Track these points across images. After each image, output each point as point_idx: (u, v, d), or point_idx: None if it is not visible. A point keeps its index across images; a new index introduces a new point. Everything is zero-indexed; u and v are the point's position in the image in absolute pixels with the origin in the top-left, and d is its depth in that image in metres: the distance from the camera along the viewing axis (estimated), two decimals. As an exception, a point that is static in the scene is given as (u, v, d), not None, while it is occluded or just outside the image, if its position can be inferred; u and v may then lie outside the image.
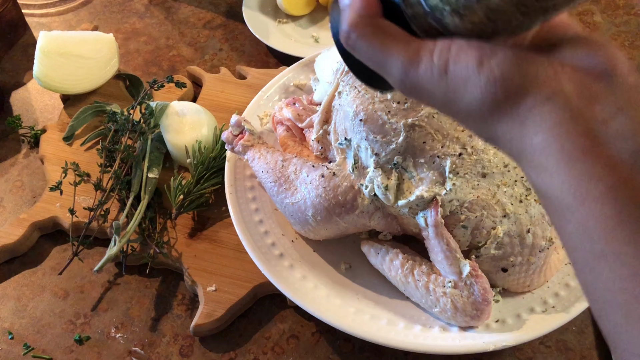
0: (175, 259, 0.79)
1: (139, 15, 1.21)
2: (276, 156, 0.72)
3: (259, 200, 0.77)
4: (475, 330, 0.63)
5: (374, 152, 0.62)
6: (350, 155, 0.66)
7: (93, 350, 0.74)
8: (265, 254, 0.72)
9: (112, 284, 0.80)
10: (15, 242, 0.81)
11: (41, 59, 0.94)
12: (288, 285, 0.69)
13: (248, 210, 0.76)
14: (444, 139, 0.60)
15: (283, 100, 0.82)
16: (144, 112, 0.88)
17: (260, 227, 0.75)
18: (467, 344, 0.62)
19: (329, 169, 0.66)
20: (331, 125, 0.70)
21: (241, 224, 0.74)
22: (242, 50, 1.13)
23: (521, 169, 0.33)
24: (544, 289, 0.67)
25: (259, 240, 0.73)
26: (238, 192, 0.78)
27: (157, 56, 1.12)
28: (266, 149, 0.75)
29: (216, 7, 1.23)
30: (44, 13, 1.21)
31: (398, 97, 0.62)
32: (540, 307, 0.66)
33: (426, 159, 0.61)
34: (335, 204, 0.64)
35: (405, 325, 0.65)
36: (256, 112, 0.87)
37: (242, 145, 0.76)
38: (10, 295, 0.79)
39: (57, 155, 0.91)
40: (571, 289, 0.67)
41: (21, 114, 1.01)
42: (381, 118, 0.62)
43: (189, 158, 0.85)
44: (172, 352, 0.74)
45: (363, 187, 0.63)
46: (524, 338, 0.63)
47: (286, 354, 0.74)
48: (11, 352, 0.73)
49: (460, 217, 0.61)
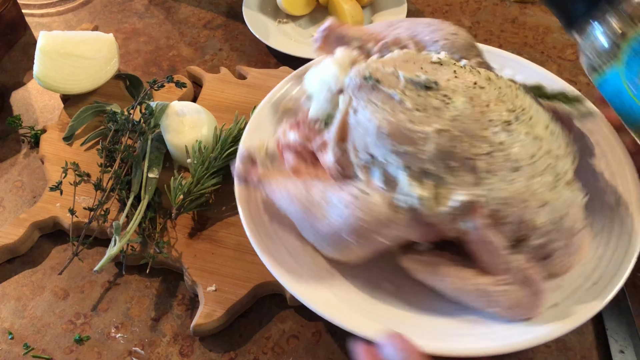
0: (175, 259, 0.79)
1: (139, 15, 1.21)
2: (297, 184, 0.68)
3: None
4: (524, 324, 0.63)
5: (404, 164, 0.61)
6: (377, 171, 0.64)
7: (93, 350, 0.74)
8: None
9: (112, 284, 0.80)
10: (15, 242, 0.81)
11: (41, 59, 0.94)
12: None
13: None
14: (472, 139, 0.60)
15: (285, 123, 0.78)
16: (144, 112, 0.88)
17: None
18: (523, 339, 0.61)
19: (358, 188, 0.64)
20: (349, 143, 0.67)
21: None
22: (242, 50, 1.13)
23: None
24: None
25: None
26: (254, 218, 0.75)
27: (157, 56, 1.12)
28: (283, 177, 0.70)
29: (216, 7, 1.23)
30: (44, 13, 1.21)
31: (419, 104, 0.62)
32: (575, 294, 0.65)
33: (458, 162, 0.60)
34: (372, 221, 0.62)
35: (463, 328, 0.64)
36: (252, 142, 0.80)
37: (259, 179, 0.70)
38: (10, 295, 0.79)
39: (57, 155, 0.91)
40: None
41: (21, 114, 1.01)
42: (406, 128, 0.61)
43: (189, 158, 0.85)
44: (172, 352, 0.74)
45: (398, 201, 0.62)
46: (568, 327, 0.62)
47: (286, 354, 0.74)
48: (11, 352, 0.74)
49: (501, 214, 0.60)
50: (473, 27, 1.19)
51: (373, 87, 0.64)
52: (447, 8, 1.23)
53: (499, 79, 0.67)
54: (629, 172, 0.75)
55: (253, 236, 0.71)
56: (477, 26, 1.19)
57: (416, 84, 0.63)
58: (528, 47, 1.14)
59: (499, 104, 0.63)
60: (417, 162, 0.61)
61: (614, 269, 0.67)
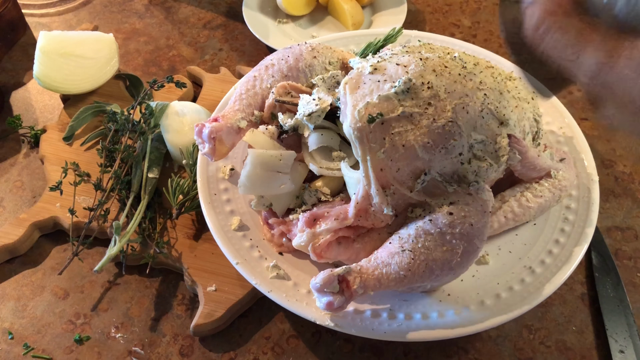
0: (175, 259, 0.79)
1: (139, 15, 1.21)
2: (392, 262, 0.64)
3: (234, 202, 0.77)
4: (469, 312, 0.68)
5: (455, 158, 0.66)
6: (446, 185, 0.66)
7: (93, 350, 0.74)
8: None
9: (112, 284, 0.80)
10: (15, 242, 0.81)
11: (41, 59, 0.94)
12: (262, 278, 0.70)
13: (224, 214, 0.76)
14: (474, 92, 0.66)
15: (304, 228, 0.69)
16: (144, 112, 0.88)
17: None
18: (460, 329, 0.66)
19: (448, 208, 0.65)
20: (390, 187, 0.67)
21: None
22: (242, 50, 1.13)
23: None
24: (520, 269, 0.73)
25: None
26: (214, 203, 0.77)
27: (157, 56, 1.12)
28: (374, 275, 0.64)
29: (216, 7, 1.23)
30: (44, 13, 1.21)
31: (420, 104, 0.65)
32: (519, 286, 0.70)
33: (486, 132, 0.66)
34: (484, 222, 0.66)
35: (405, 315, 0.67)
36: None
37: (355, 291, 0.63)
38: (10, 295, 0.79)
39: (57, 155, 0.91)
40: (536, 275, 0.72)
41: (21, 114, 1.01)
42: (437, 127, 0.64)
43: (184, 159, 0.85)
44: (172, 352, 0.74)
45: (483, 189, 0.67)
46: (504, 318, 0.67)
47: (286, 354, 0.74)
48: (11, 352, 0.73)
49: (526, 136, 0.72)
50: (473, 27, 1.19)
51: (383, 122, 0.65)
52: (447, 8, 1.23)
53: (421, 50, 0.73)
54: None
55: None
56: (477, 26, 1.19)
57: (403, 92, 0.65)
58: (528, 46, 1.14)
59: (450, 62, 0.69)
60: (463, 143, 0.66)
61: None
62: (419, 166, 0.65)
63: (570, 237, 0.74)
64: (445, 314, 0.67)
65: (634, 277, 0.81)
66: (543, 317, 0.77)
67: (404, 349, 0.74)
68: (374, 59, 0.71)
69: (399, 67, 0.67)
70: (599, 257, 0.81)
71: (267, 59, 0.81)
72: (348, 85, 0.68)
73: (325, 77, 0.77)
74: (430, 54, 0.69)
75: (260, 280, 0.69)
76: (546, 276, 0.70)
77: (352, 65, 0.76)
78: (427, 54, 0.70)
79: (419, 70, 0.66)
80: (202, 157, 0.80)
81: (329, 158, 0.73)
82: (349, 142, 0.68)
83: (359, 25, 1.13)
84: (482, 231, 0.64)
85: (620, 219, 0.87)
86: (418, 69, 0.66)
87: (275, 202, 0.73)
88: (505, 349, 0.74)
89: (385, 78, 0.66)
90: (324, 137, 0.72)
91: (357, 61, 0.75)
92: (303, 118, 0.71)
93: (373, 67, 0.68)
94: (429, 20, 1.20)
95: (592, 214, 0.75)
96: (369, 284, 0.62)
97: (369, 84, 0.67)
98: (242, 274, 0.70)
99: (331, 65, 0.81)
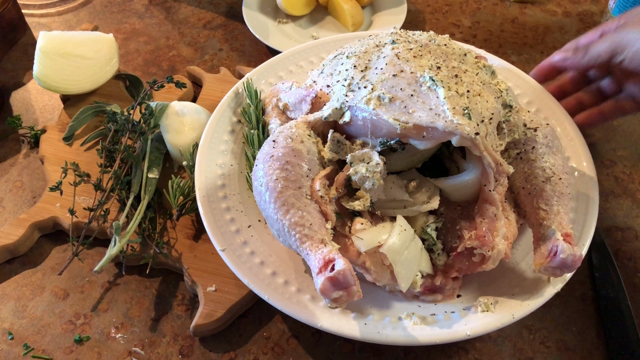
0: (175, 259, 0.79)
1: (139, 15, 1.21)
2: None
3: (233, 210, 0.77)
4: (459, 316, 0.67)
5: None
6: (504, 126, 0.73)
7: (93, 350, 0.74)
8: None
9: (112, 284, 0.80)
10: (15, 242, 0.81)
11: (41, 59, 0.94)
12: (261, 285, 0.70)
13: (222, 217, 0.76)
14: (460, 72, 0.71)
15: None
16: (144, 112, 0.88)
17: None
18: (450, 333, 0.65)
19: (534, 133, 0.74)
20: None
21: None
22: (242, 50, 1.13)
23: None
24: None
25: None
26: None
27: (157, 56, 1.12)
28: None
29: (216, 7, 1.23)
30: (44, 13, 1.21)
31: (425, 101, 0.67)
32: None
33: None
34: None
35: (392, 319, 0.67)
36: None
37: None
38: (10, 295, 0.79)
39: (57, 156, 0.91)
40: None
41: (21, 114, 1.01)
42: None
43: (184, 160, 0.85)
44: (172, 352, 0.74)
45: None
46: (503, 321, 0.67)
47: (286, 354, 0.74)
48: (11, 352, 0.73)
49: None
50: (473, 27, 1.19)
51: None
52: (447, 8, 1.23)
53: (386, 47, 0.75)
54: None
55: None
56: (477, 26, 1.19)
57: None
58: (528, 47, 1.14)
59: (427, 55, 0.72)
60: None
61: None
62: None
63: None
64: (451, 316, 0.67)
65: (634, 277, 0.81)
66: (543, 318, 0.77)
67: (404, 349, 0.74)
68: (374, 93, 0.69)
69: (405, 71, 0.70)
70: (599, 257, 0.81)
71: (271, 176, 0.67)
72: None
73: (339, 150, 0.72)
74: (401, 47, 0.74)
75: (270, 295, 0.68)
76: (546, 277, 0.70)
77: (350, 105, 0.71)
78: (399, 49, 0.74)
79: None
80: (200, 160, 0.80)
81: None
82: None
83: (359, 25, 1.14)
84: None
85: (620, 219, 0.87)
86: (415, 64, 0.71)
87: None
88: (505, 349, 0.74)
89: (414, 88, 0.68)
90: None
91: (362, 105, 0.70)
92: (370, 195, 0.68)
93: (390, 96, 0.67)
94: (429, 20, 1.20)
95: (591, 214, 0.75)
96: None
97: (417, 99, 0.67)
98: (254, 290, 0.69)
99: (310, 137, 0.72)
